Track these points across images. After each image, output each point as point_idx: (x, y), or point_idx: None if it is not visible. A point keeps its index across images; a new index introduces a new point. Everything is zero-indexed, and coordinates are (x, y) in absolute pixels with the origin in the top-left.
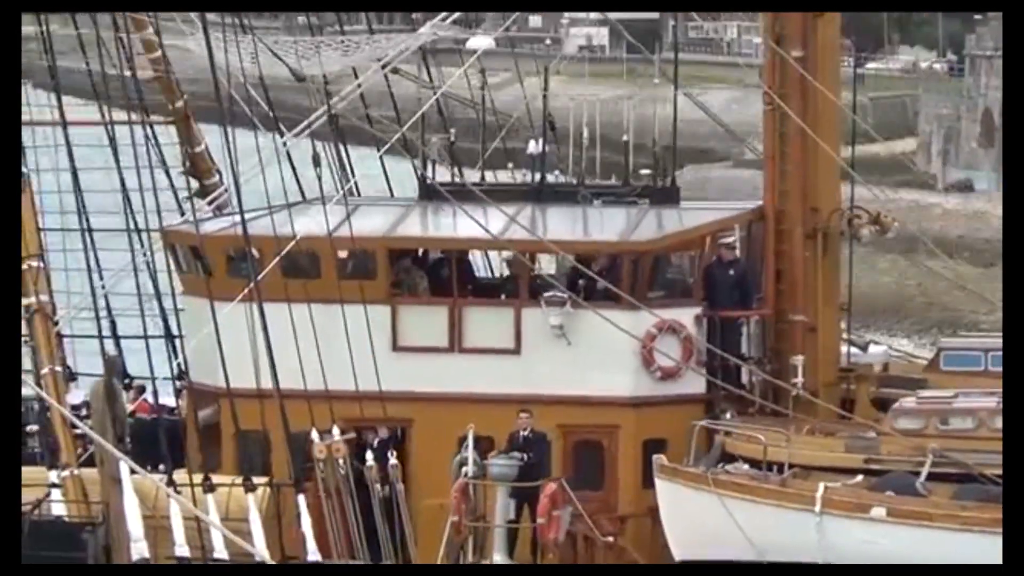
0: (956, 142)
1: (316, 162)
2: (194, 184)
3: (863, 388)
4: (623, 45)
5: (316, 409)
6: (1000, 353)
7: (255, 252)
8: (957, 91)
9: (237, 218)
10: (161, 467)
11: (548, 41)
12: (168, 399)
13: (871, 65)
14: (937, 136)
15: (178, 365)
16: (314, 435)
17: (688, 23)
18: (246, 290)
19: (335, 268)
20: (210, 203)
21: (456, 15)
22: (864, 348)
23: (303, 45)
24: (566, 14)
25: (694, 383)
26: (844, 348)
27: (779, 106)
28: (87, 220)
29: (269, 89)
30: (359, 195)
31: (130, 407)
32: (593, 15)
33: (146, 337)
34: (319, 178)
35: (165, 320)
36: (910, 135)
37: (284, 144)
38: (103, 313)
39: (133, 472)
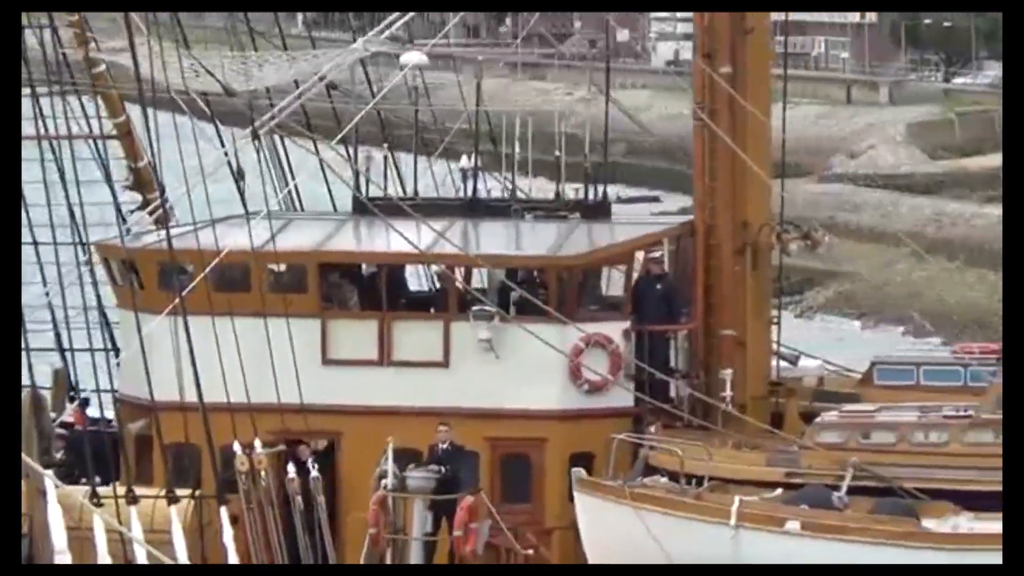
0: None
1: (240, 176)
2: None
3: (792, 402)
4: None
5: (245, 422)
6: (933, 368)
7: (189, 266)
8: None
9: (173, 231)
10: (85, 480)
11: (480, 57)
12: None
13: (958, 80)
14: None
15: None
16: (237, 448)
17: (775, 38)
18: (172, 304)
19: (264, 282)
20: (150, 214)
21: (389, 31)
22: (794, 362)
23: (241, 60)
24: (654, 29)
25: (622, 397)
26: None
27: (706, 123)
28: (31, 233)
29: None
30: (302, 207)
31: (70, 418)
32: (681, 29)
33: (72, 350)
34: (241, 193)
35: (110, 332)
36: (997, 150)
37: (225, 155)
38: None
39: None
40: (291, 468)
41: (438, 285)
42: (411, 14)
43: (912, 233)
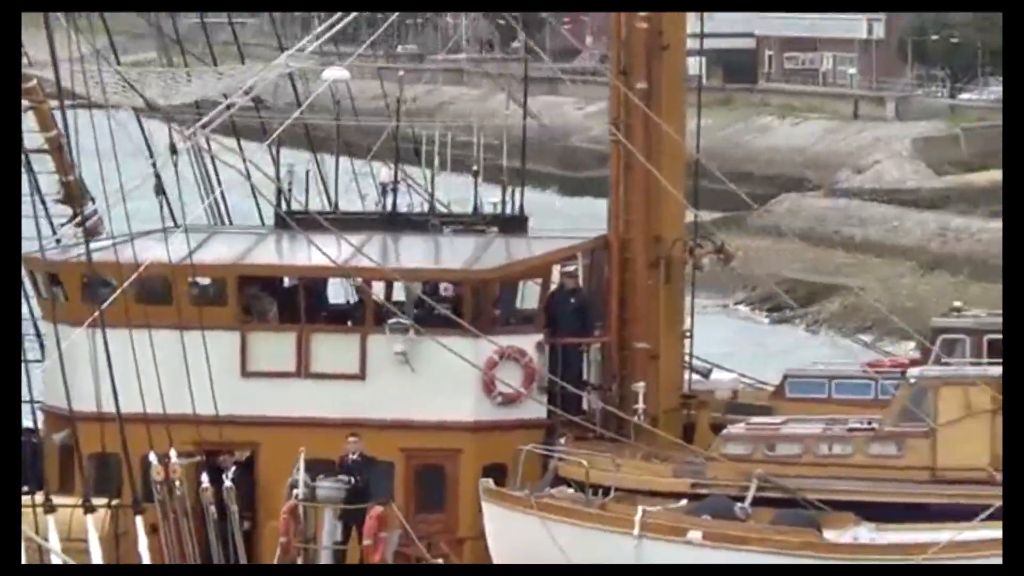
0: None
1: (158, 191)
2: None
3: (704, 414)
4: (719, 74)
5: (165, 433)
6: (843, 381)
7: (113, 279)
8: None
9: (98, 244)
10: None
11: (401, 73)
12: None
13: (964, 96)
14: None
15: None
16: (152, 458)
17: (784, 54)
18: (92, 317)
19: (184, 295)
20: (78, 225)
21: (313, 45)
22: (706, 375)
23: (169, 75)
24: None
25: (535, 409)
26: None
27: (620, 140)
28: None
29: None
30: (230, 220)
31: None
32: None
33: None
34: (161, 205)
35: (41, 344)
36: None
37: (153, 165)
38: None
39: None
40: (204, 478)
41: (357, 298)
42: (333, 32)
43: (917, 248)
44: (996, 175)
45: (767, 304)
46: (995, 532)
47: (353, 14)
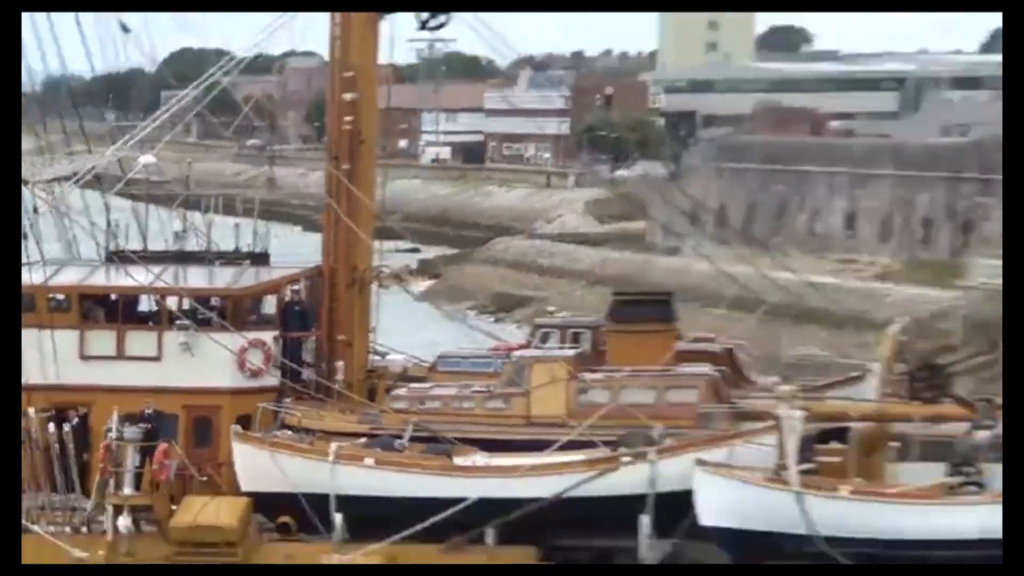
0: (672, 223)
1: (25, 236)
2: None
3: (382, 383)
4: (459, 158)
5: (33, 396)
6: (475, 359)
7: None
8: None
9: None
10: None
11: (189, 160)
12: None
13: (619, 172)
14: (660, 218)
15: None
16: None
17: (503, 144)
18: None
19: (44, 306)
20: None
21: (138, 138)
22: (383, 356)
23: (40, 161)
24: (424, 138)
25: (271, 380)
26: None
27: (331, 203)
28: None
29: None
30: (79, 255)
31: None
32: (443, 138)
33: None
34: (25, 248)
35: None
36: (643, 218)
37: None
38: None
39: None
40: (51, 426)
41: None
42: (153, 126)
43: (587, 271)
44: (638, 225)
45: (487, 310)
46: (561, 458)
47: (167, 114)
